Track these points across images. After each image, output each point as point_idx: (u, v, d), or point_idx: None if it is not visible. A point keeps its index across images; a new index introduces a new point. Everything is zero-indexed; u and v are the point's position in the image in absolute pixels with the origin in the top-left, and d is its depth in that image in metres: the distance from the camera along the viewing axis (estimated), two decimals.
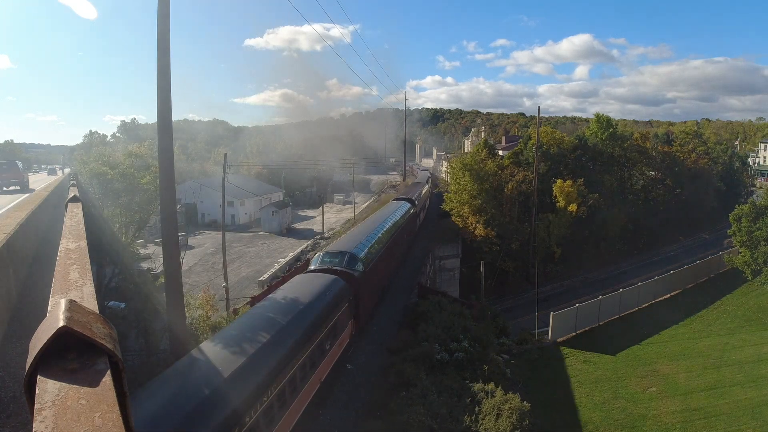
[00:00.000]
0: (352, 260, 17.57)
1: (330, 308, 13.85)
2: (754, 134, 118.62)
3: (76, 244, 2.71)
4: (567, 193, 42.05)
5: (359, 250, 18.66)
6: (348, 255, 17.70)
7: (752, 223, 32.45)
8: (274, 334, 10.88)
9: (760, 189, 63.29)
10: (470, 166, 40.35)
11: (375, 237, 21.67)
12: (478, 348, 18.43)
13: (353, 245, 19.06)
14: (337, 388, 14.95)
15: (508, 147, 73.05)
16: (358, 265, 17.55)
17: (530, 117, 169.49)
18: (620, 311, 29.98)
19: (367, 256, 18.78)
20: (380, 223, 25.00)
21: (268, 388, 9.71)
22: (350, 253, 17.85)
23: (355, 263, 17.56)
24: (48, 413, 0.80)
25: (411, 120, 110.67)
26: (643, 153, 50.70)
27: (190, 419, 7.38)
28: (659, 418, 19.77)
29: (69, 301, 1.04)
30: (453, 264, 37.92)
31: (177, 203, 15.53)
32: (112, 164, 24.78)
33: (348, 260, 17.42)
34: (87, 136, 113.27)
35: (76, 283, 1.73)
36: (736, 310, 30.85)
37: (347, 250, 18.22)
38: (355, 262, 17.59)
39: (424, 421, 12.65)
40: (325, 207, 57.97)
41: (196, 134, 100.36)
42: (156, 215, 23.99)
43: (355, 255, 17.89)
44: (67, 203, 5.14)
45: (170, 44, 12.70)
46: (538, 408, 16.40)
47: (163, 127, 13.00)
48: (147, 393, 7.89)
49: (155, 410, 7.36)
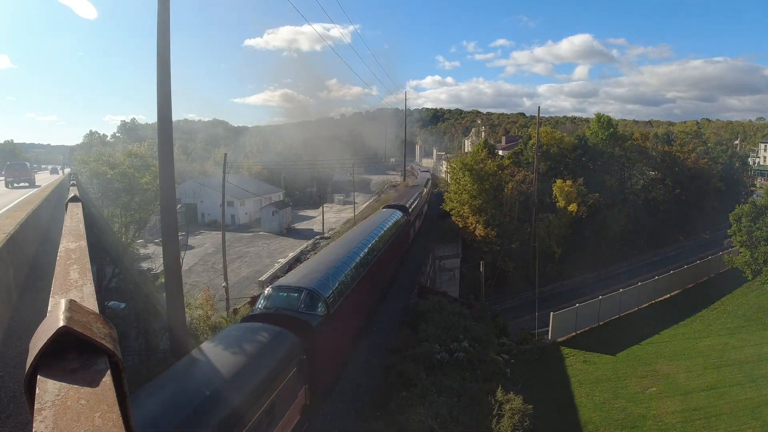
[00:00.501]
0: (312, 300, 13.56)
1: (266, 382, 9.91)
2: (754, 134, 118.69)
3: (76, 244, 2.71)
4: (567, 193, 42.09)
5: (323, 284, 14.51)
6: (306, 293, 13.61)
7: (752, 223, 32.44)
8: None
9: (760, 189, 63.31)
10: (470, 166, 40.35)
11: (351, 261, 17.52)
12: (478, 348, 18.43)
13: (317, 276, 14.94)
14: (337, 388, 14.94)
15: (508, 147, 73.10)
16: (318, 307, 13.51)
17: (530, 117, 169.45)
18: (620, 311, 29.97)
19: (335, 291, 14.78)
20: (361, 241, 20.64)
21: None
22: (309, 291, 13.71)
23: (316, 305, 13.53)
24: (48, 413, 0.80)
25: (411, 120, 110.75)
26: (643, 153, 50.73)
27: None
28: (659, 418, 19.76)
29: (69, 301, 1.04)
30: (453, 264, 37.93)
31: (177, 203, 15.53)
32: (112, 164, 24.77)
33: (306, 301, 13.46)
34: (87, 136, 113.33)
35: (76, 283, 1.73)
36: (736, 310, 30.84)
37: (306, 285, 13.94)
38: (315, 302, 13.56)
39: (424, 421, 12.65)
40: (325, 207, 57.97)
41: (196, 134, 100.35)
42: (156, 215, 23.98)
43: (315, 293, 13.74)
44: (67, 203, 5.14)
45: (170, 44, 12.71)
46: (538, 408, 16.38)
47: (163, 127, 13.02)
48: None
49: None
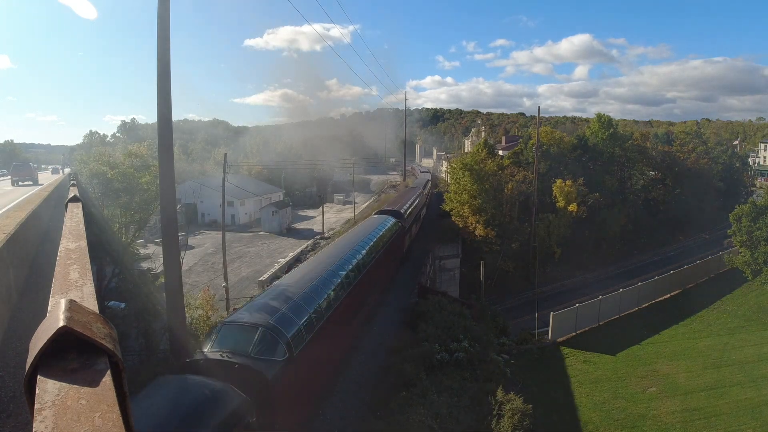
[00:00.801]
0: (270, 343, 10.76)
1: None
2: (754, 134, 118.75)
3: (76, 244, 2.71)
4: (567, 193, 42.10)
5: (288, 319, 11.66)
6: (262, 333, 10.78)
7: (752, 223, 32.45)
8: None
9: (760, 189, 63.28)
10: (470, 165, 40.36)
11: (329, 286, 14.73)
12: (478, 348, 18.42)
13: (280, 306, 12.09)
14: (338, 388, 14.94)
15: (508, 147, 73.10)
16: (277, 350, 10.75)
17: (530, 117, 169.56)
18: (620, 311, 29.99)
19: (302, 328, 11.88)
20: (343, 256, 17.71)
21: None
22: (268, 329, 10.89)
23: (274, 348, 10.75)
24: (48, 413, 0.80)
25: (411, 120, 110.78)
26: (643, 153, 50.75)
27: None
28: (659, 418, 19.77)
29: (69, 301, 1.04)
30: (453, 264, 37.91)
31: (177, 203, 15.54)
32: (112, 164, 24.82)
33: (262, 343, 10.64)
34: (87, 136, 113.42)
35: (76, 283, 1.73)
36: (736, 310, 30.84)
37: (262, 323, 11.03)
38: (273, 345, 10.77)
39: (425, 421, 12.65)
40: (325, 207, 57.97)
41: (196, 134, 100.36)
42: (156, 215, 24.01)
43: (276, 332, 10.94)
44: (67, 203, 5.13)
45: (170, 44, 12.71)
46: (538, 408, 16.38)
47: (163, 127, 13.01)
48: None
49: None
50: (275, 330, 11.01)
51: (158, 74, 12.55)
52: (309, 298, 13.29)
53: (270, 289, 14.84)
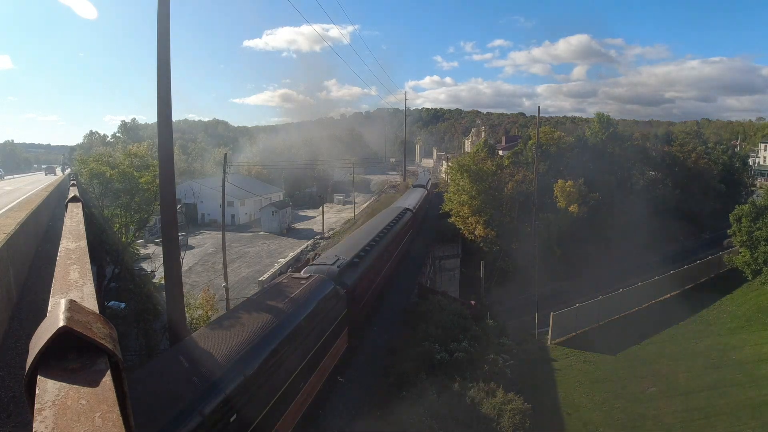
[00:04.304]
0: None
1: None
2: (754, 134, 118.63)
3: (76, 244, 2.70)
4: (568, 193, 42.05)
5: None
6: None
7: (752, 223, 32.42)
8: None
9: (760, 189, 63.25)
10: (467, 167, 40.37)
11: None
12: (478, 348, 18.42)
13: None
14: (337, 388, 14.94)
15: (508, 147, 73.08)
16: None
17: (530, 117, 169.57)
18: (620, 311, 29.96)
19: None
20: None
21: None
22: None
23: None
24: (48, 413, 0.80)
25: (411, 120, 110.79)
26: (644, 153, 50.73)
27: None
28: (659, 418, 19.75)
29: (69, 301, 1.04)
30: (453, 264, 37.92)
31: (177, 203, 15.53)
32: (112, 164, 24.78)
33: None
34: (87, 136, 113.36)
35: (76, 283, 1.73)
36: (736, 310, 30.82)
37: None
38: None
39: (424, 421, 12.64)
40: (325, 207, 57.94)
41: (196, 134, 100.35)
42: (156, 215, 23.98)
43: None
44: (67, 203, 5.13)
45: (170, 44, 12.70)
46: (538, 408, 16.38)
47: (163, 127, 13.00)
48: None
49: None
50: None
51: (158, 74, 12.54)
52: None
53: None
